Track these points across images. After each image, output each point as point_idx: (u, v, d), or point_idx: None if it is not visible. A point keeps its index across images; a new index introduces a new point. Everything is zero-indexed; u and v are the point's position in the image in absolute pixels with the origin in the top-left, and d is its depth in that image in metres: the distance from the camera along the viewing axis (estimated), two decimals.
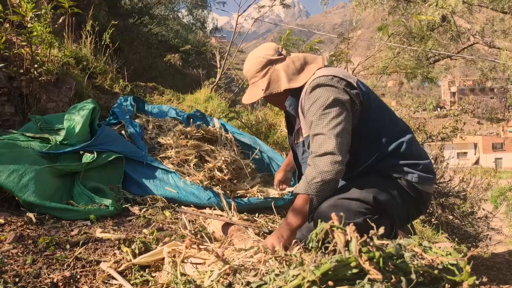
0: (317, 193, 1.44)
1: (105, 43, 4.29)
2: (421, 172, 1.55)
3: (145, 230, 1.85)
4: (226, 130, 3.30)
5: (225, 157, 2.65)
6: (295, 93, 1.66)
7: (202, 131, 3.02)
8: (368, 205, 1.44)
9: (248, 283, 0.99)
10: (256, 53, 1.73)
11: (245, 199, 2.50)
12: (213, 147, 2.81)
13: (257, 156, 3.09)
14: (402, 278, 0.78)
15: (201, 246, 1.28)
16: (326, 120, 1.46)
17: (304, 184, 1.47)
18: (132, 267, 1.39)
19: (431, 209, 5.00)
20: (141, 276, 1.34)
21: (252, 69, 1.71)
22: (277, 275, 0.90)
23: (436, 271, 0.84)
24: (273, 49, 1.70)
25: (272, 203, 2.34)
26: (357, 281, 0.76)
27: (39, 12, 2.87)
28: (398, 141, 1.57)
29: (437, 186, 5.26)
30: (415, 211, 1.62)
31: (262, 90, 1.65)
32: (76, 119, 2.50)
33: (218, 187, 2.46)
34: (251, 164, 2.87)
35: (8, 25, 2.98)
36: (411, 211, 1.60)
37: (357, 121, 1.55)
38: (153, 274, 1.37)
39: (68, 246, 1.54)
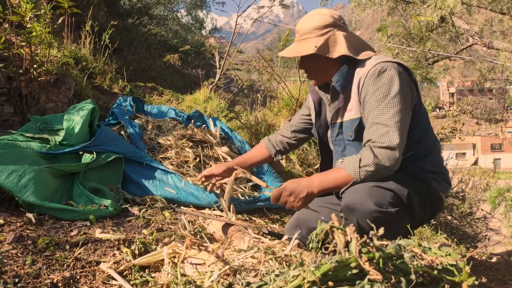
0: (363, 179, 1.38)
1: (104, 43, 4.29)
2: (444, 181, 1.54)
3: (144, 231, 1.85)
4: (227, 133, 3.30)
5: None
6: (349, 66, 1.52)
7: (201, 136, 3.01)
8: (401, 198, 1.39)
9: (248, 284, 0.99)
10: (321, 11, 1.58)
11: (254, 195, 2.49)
12: (214, 155, 2.79)
13: None
14: (402, 278, 0.78)
15: (201, 247, 1.29)
16: (391, 112, 1.38)
17: (354, 167, 1.39)
18: (132, 267, 1.40)
19: None
20: (141, 276, 1.34)
21: (311, 24, 1.53)
22: (277, 275, 0.90)
23: (435, 272, 0.84)
24: (337, 15, 1.58)
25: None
26: (357, 282, 0.77)
27: (38, 12, 2.87)
28: (432, 148, 1.55)
29: None
30: (429, 217, 1.59)
31: (316, 47, 1.49)
32: (76, 119, 2.50)
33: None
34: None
35: (7, 25, 2.98)
36: (426, 216, 1.56)
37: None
38: (153, 275, 1.37)
39: (67, 247, 1.54)
